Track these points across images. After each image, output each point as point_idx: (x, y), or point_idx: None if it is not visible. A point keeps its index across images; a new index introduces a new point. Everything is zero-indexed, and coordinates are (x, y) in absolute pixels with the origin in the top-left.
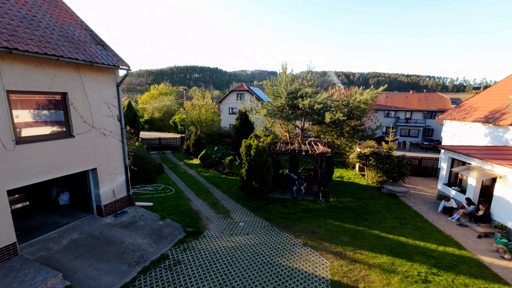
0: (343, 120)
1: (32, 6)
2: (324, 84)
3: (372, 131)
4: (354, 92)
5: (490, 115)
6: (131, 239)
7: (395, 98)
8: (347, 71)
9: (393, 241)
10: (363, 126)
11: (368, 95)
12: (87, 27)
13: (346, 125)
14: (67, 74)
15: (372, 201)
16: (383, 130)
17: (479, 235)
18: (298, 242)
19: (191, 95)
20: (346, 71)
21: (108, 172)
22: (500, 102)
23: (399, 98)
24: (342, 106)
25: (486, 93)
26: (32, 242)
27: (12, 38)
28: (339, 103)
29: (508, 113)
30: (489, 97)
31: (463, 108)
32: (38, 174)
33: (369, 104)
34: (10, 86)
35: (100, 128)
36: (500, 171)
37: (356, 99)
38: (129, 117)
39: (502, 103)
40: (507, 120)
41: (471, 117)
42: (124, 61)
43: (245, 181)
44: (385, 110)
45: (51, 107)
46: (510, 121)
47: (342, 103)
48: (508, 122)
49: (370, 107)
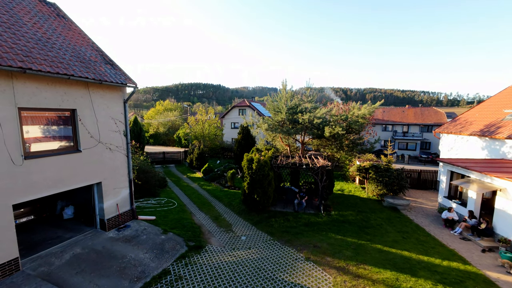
0: (342, 134)
1: (47, 29)
2: (323, 100)
3: (370, 144)
4: (352, 107)
5: (486, 129)
6: (133, 253)
7: (392, 112)
8: (345, 87)
9: (396, 256)
10: (362, 139)
11: (366, 110)
12: (98, 48)
13: (345, 139)
14: (77, 92)
15: (373, 214)
16: (381, 143)
17: (483, 249)
18: (301, 257)
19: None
20: (343, 87)
21: (112, 186)
22: (494, 116)
23: (395, 113)
24: (341, 121)
25: (480, 108)
26: (34, 257)
27: (26, 58)
28: (338, 118)
29: (503, 127)
30: (483, 111)
31: (458, 122)
32: (44, 189)
33: (367, 119)
34: (22, 103)
35: (107, 143)
36: (499, 184)
37: (354, 114)
38: (135, 132)
39: (497, 117)
40: (502, 134)
41: (467, 131)
42: (131, 79)
43: (247, 195)
44: (383, 124)
45: (60, 123)
46: (506, 135)
47: (340, 118)
48: (504, 136)
49: (368, 121)
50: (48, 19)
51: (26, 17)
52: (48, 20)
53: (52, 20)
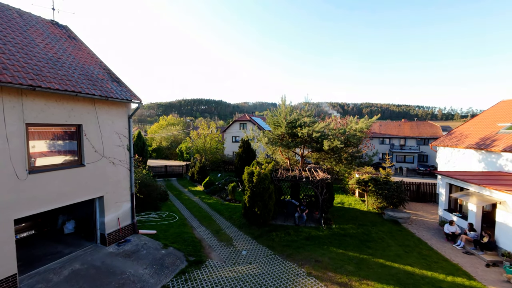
0: (341, 148)
1: (58, 50)
2: (321, 114)
3: (369, 157)
4: (349, 121)
5: (481, 142)
6: (133, 269)
7: (389, 126)
8: (342, 102)
9: (399, 271)
10: (360, 152)
11: (363, 124)
12: (106, 67)
13: (344, 152)
14: (84, 108)
15: (375, 227)
16: (379, 156)
17: (487, 264)
18: (302, 272)
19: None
20: (340, 102)
21: (114, 200)
22: (489, 130)
23: (392, 126)
24: (339, 134)
25: (475, 121)
26: (32, 273)
27: (37, 77)
28: (336, 132)
29: (498, 140)
30: (477, 125)
31: (454, 135)
32: (47, 203)
33: (364, 132)
34: (30, 119)
35: (110, 157)
36: (499, 196)
37: (352, 128)
38: (138, 146)
39: (491, 130)
40: (498, 147)
41: (463, 144)
42: (136, 95)
43: (247, 208)
44: (380, 137)
45: (66, 137)
46: (501, 148)
47: (339, 132)
48: (500, 149)
49: (366, 135)
50: (60, 40)
51: (39, 38)
52: (59, 41)
53: (63, 41)
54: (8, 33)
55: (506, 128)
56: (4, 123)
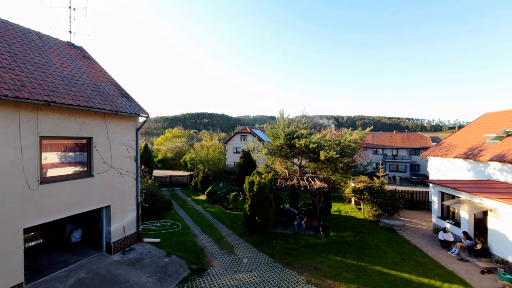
0: (336, 158)
1: (73, 68)
2: (317, 126)
3: (363, 167)
4: (344, 132)
5: (469, 152)
6: (136, 277)
7: (381, 137)
8: (336, 115)
9: (396, 278)
10: (355, 162)
11: (357, 135)
12: (116, 84)
13: (339, 162)
14: (94, 121)
15: (371, 235)
16: (373, 166)
17: (482, 271)
18: (302, 280)
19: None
20: (335, 115)
21: (120, 209)
22: (476, 140)
23: (384, 137)
24: (335, 145)
25: (462, 132)
26: (38, 282)
27: (52, 93)
28: (332, 143)
29: (485, 150)
30: (465, 136)
31: (443, 145)
32: (56, 212)
33: (358, 143)
34: (44, 132)
35: (118, 167)
36: (489, 204)
37: (347, 139)
38: (144, 157)
39: (478, 140)
40: (485, 156)
41: (452, 154)
42: (144, 109)
43: (248, 216)
44: (373, 148)
45: (77, 149)
46: (488, 157)
47: (334, 143)
48: (487, 158)
49: (360, 146)
50: (75, 59)
51: (56, 58)
52: (74, 60)
53: (78, 60)
54: (27, 54)
55: (492, 139)
56: (20, 136)
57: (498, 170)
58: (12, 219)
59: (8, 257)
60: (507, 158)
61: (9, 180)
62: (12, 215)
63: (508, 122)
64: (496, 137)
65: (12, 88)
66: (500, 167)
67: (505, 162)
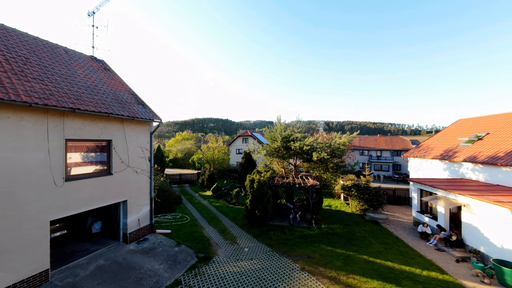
0: (327, 158)
1: (95, 79)
2: (310, 130)
3: (351, 166)
4: (334, 136)
5: (445, 153)
6: (150, 264)
7: (367, 140)
8: (327, 120)
9: (381, 266)
10: (344, 162)
11: (345, 138)
12: (133, 92)
13: (330, 162)
14: (113, 126)
15: (358, 227)
16: (360, 165)
17: (457, 260)
18: (296, 267)
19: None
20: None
21: (136, 204)
22: (451, 143)
23: (369, 140)
24: (326, 147)
25: (438, 136)
26: (62, 268)
27: (77, 101)
28: (323, 145)
29: (459, 152)
30: (441, 139)
31: (422, 148)
32: (79, 206)
33: (347, 145)
34: (69, 135)
35: (134, 167)
36: (463, 200)
37: (336, 142)
38: (157, 157)
39: (452, 143)
40: (459, 157)
41: (430, 155)
42: (157, 115)
43: (249, 210)
44: (360, 149)
45: (97, 150)
46: (462, 158)
47: (325, 145)
48: (461, 159)
49: (348, 148)
50: (97, 71)
51: (80, 70)
52: (96, 72)
53: (100, 72)
54: (55, 66)
55: (464, 142)
56: (47, 139)
57: (471, 170)
58: (40, 213)
59: (36, 246)
60: (478, 159)
61: (39, 178)
62: (40, 209)
63: (479, 128)
64: (468, 141)
65: (42, 97)
66: (472, 167)
67: (476, 163)
